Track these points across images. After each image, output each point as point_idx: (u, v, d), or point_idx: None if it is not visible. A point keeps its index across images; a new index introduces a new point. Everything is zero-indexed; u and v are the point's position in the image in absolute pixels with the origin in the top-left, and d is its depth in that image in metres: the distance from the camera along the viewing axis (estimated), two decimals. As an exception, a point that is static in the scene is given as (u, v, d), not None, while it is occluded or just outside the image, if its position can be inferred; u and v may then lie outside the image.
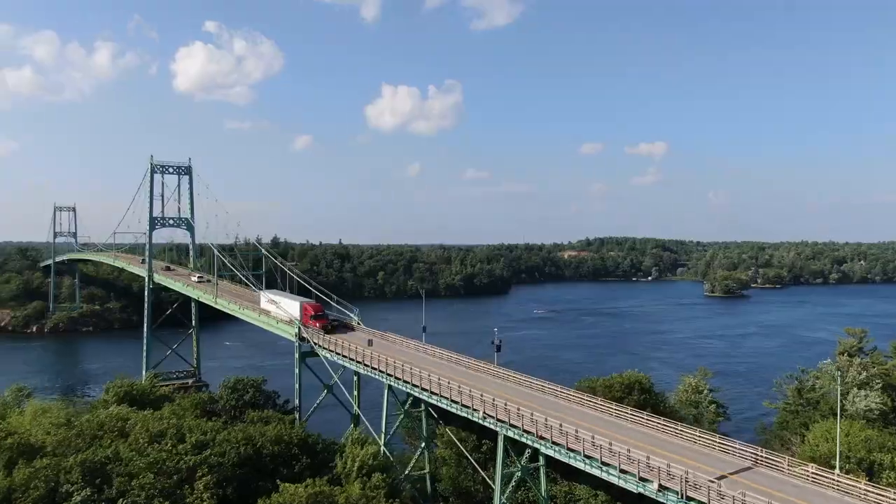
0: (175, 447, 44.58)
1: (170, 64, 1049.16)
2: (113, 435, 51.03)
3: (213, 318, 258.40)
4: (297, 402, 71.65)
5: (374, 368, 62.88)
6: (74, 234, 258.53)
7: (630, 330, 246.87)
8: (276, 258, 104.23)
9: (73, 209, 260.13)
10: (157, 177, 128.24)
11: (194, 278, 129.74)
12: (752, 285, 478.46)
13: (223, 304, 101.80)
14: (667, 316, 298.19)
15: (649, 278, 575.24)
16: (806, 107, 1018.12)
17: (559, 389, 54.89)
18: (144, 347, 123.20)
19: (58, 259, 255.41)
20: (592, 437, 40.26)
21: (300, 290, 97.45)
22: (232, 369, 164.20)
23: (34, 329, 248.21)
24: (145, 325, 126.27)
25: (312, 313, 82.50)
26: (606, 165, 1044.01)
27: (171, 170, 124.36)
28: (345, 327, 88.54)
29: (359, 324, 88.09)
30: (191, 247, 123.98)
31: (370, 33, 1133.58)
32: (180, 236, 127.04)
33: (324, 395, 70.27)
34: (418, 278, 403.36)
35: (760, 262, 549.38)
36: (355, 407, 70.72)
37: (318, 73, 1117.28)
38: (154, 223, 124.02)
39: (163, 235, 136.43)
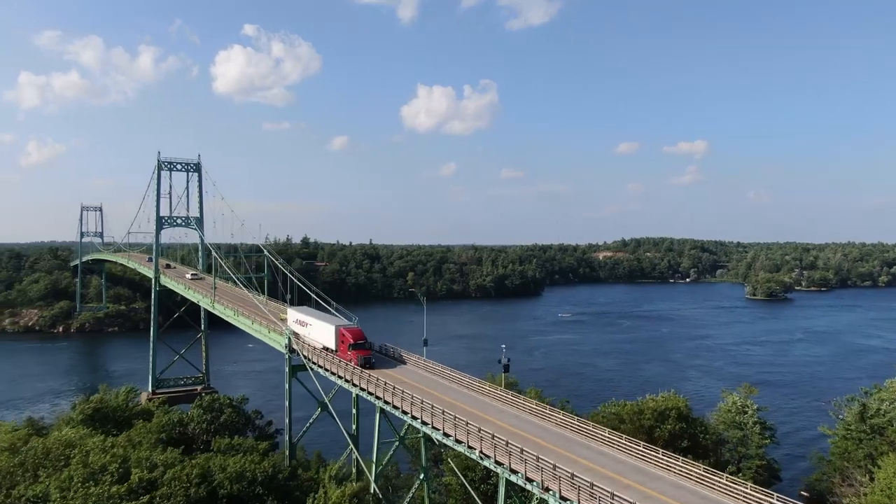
0: (112, 488, 37.43)
1: (210, 67, 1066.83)
2: (59, 464, 44.13)
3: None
4: (286, 421, 64.14)
5: (363, 389, 55.00)
6: (101, 234, 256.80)
7: (667, 335, 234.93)
8: (276, 259, 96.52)
9: (100, 209, 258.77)
10: (174, 177, 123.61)
11: (188, 276, 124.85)
12: (797, 288, 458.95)
13: (220, 309, 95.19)
14: (706, 320, 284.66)
15: (687, 280, 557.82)
16: (853, 105, 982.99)
17: (575, 422, 45.47)
18: (151, 352, 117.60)
19: (82, 259, 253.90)
20: (612, 496, 31.59)
21: (300, 296, 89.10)
22: (250, 374, 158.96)
23: (60, 329, 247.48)
24: (152, 328, 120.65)
25: (352, 341, 64.51)
26: (643, 165, 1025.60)
27: (179, 167, 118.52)
28: (394, 359, 71.47)
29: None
30: (199, 247, 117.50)
31: (406, 34, 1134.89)
32: (218, 236, 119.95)
33: (317, 413, 62.26)
34: (448, 279, 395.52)
35: (805, 263, 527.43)
36: (353, 426, 62.93)
37: (354, 74, 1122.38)
38: (161, 222, 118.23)
39: (192, 236, 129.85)
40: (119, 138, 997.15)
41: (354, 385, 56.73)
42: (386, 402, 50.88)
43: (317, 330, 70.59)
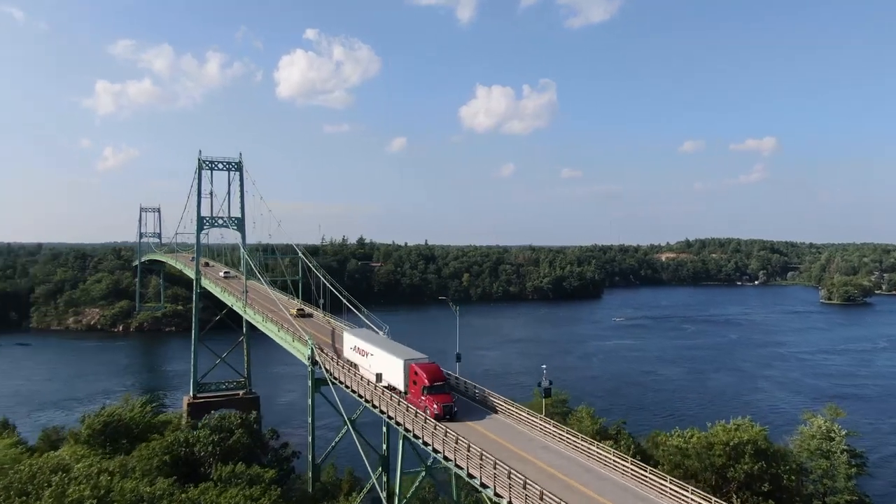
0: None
1: (273, 72, 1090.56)
2: (46, 489, 39.38)
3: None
4: (309, 439, 58.48)
5: (383, 412, 48.55)
6: (158, 235, 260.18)
7: (736, 342, 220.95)
8: (310, 261, 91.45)
9: (158, 210, 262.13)
10: (216, 177, 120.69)
11: (221, 274, 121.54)
12: (876, 292, 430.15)
13: (250, 315, 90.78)
14: (778, 326, 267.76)
15: (756, 283, 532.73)
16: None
17: (629, 465, 36.85)
18: (192, 355, 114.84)
19: (140, 260, 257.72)
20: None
21: (334, 302, 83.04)
22: (295, 379, 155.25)
23: (120, 328, 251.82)
24: (193, 330, 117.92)
25: (427, 382, 48.97)
26: (708, 163, 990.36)
27: (220, 166, 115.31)
28: (474, 401, 54.92)
29: None
30: (241, 248, 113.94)
31: (465, 34, 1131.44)
32: (265, 237, 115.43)
33: (343, 432, 56.07)
34: (504, 280, 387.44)
35: (885, 265, 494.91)
36: (384, 446, 56.79)
37: (413, 75, 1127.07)
38: (203, 223, 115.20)
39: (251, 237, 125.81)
40: (187, 142, 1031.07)
41: (374, 406, 50.03)
42: (407, 430, 44.24)
43: (380, 362, 55.58)
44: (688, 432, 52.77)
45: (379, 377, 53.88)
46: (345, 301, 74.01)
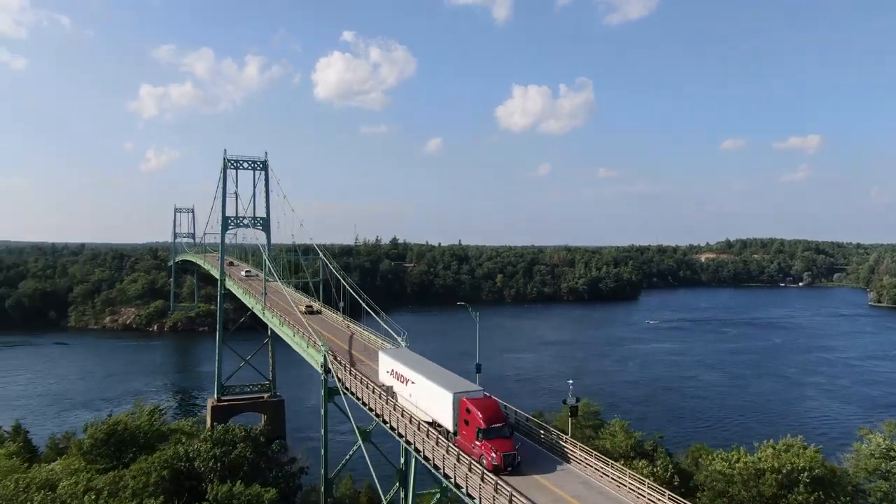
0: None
1: (311, 74, 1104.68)
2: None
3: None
4: (322, 451, 55.16)
5: (393, 429, 44.74)
6: (192, 235, 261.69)
7: (780, 346, 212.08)
8: (330, 262, 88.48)
9: (192, 210, 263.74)
10: (240, 176, 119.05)
11: (242, 273, 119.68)
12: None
13: (268, 317, 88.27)
14: (824, 329, 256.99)
15: (800, 284, 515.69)
16: None
17: (665, 500, 31.47)
18: (216, 357, 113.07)
19: (174, 260, 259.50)
20: None
21: (353, 305, 79.55)
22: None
23: (155, 328, 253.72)
24: (217, 331, 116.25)
25: (483, 424, 39.57)
26: (750, 162, 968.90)
27: (245, 165, 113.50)
28: (539, 444, 44.28)
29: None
30: (266, 249, 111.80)
31: (501, 33, 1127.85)
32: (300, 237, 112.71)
33: (356, 445, 52.41)
34: (539, 281, 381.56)
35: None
36: (402, 460, 53.15)
37: (449, 75, 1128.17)
38: (227, 223, 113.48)
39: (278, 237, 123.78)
40: (226, 144, 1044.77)
41: (385, 422, 45.93)
42: (417, 451, 40.29)
43: (423, 393, 45.82)
44: (732, 455, 47.61)
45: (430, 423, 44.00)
46: (363, 304, 70.63)
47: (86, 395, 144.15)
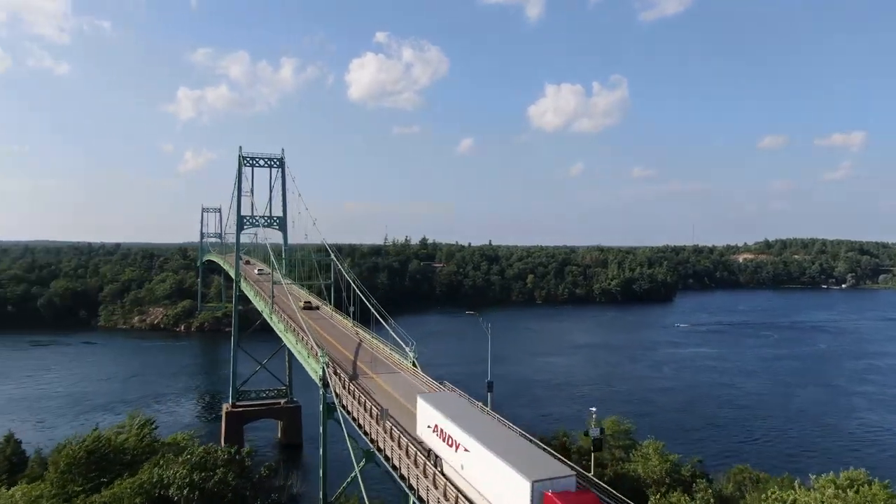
0: None
1: (345, 75, 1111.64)
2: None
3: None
4: (321, 472, 50.13)
5: (388, 459, 38.89)
6: (219, 235, 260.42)
7: (825, 352, 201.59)
8: (342, 264, 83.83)
9: (219, 210, 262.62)
10: (261, 174, 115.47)
11: (255, 271, 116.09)
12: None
13: (274, 322, 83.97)
14: (872, 334, 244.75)
15: (843, 286, 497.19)
16: None
17: None
18: (231, 361, 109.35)
19: (200, 260, 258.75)
20: None
21: (363, 310, 74.10)
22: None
23: (182, 328, 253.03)
24: (233, 335, 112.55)
25: None
26: (790, 160, 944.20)
27: (261, 162, 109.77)
28: None
29: (415, 365, 60.92)
30: (282, 248, 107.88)
31: (534, 32, 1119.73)
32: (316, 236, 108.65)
33: (360, 465, 46.94)
34: (570, 282, 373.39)
35: None
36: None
37: (482, 75, 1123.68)
38: (243, 222, 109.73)
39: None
40: (261, 145, 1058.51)
41: (379, 451, 40.56)
42: (410, 489, 34.67)
43: (481, 468, 32.65)
44: (787, 495, 40.73)
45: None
46: (372, 310, 65.72)
47: (106, 396, 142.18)
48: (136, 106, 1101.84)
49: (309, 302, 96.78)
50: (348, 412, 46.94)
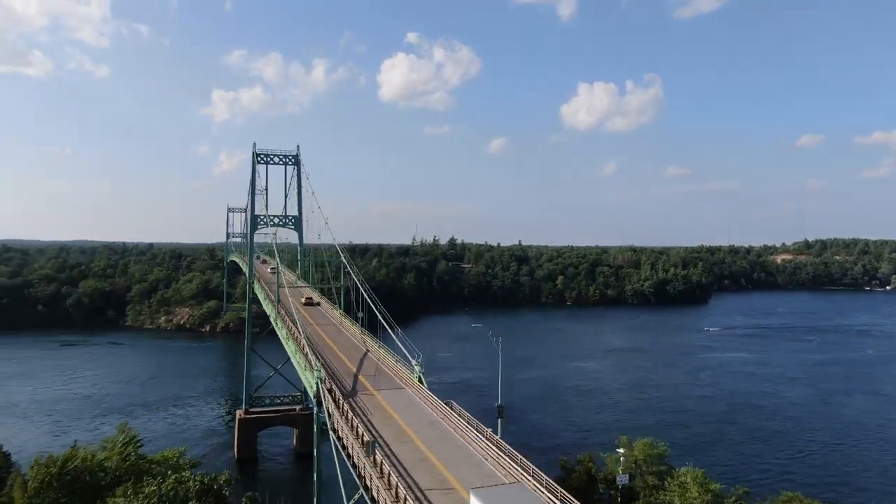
0: None
1: (376, 75, 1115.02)
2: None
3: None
4: (314, 501, 45.04)
5: (374, 502, 33.12)
6: (244, 235, 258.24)
7: (872, 358, 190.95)
8: (352, 266, 78.93)
9: (244, 210, 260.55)
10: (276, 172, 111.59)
11: (268, 269, 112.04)
12: None
13: (278, 327, 79.38)
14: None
15: (888, 287, 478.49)
16: None
17: None
18: (245, 365, 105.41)
19: (226, 260, 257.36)
20: None
21: (373, 316, 68.59)
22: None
23: (207, 328, 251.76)
24: (246, 339, 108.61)
25: None
26: (829, 158, 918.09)
27: (276, 160, 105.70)
28: None
29: (421, 381, 54.25)
30: (298, 248, 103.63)
31: (566, 31, 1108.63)
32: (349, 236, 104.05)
33: (356, 497, 41.11)
34: (602, 283, 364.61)
35: None
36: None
37: (513, 75, 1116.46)
38: (257, 222, 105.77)
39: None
40: (291, 145, 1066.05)
41: (366, 489, 34.95)
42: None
43: None
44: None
45: None
46: (379, 316, 60.58)
47: (124, 399, 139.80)
48: (173, 108, 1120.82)
49: (310, 298, 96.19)
50: (339, 437, 41.65)
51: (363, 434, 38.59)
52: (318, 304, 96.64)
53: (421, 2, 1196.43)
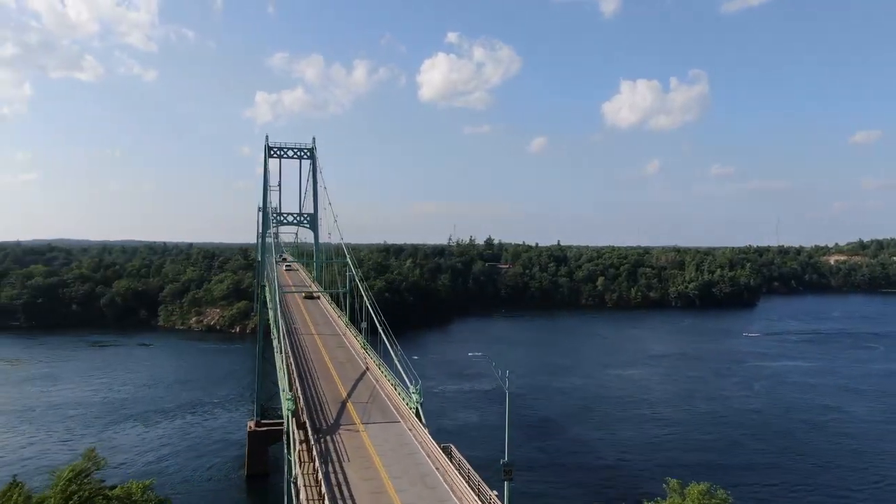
0: None
1: (416, 76, 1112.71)
2: None
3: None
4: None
5: None
6: (276, 235, 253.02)
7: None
8: (357, 268, 70.69)
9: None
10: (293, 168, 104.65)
11: (283, 267, 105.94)
12: None
13: (275, 334, 71.10)
14: None
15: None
16: None
17: None
18: (256, 374, 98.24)
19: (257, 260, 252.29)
20: None
21: (393, 324, 59.46)
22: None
23: (237, 329, 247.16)
24: (258, 345, 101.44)
25: None
26: (886, 155, 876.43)
27: (290, 153, 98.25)
28: None
29: (419, 414, 43.91)
30: (314, 248, 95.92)
31: (608, 28, 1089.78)
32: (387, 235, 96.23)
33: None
34: (644, 285, 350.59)
35: None
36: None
37: (554, 73, 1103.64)
38: (270, 220, 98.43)
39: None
40: (335, 147, 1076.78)
41: None
42: None
43: None
44: None
45: None
46: (378, 324, 51.95)
47: (143, 404, 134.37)
48: (218, 110, 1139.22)
49: (310, 293, 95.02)
50: (294, 484, 32.57)
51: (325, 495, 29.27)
52: (318, 297, 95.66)
53: (461, 1, 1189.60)
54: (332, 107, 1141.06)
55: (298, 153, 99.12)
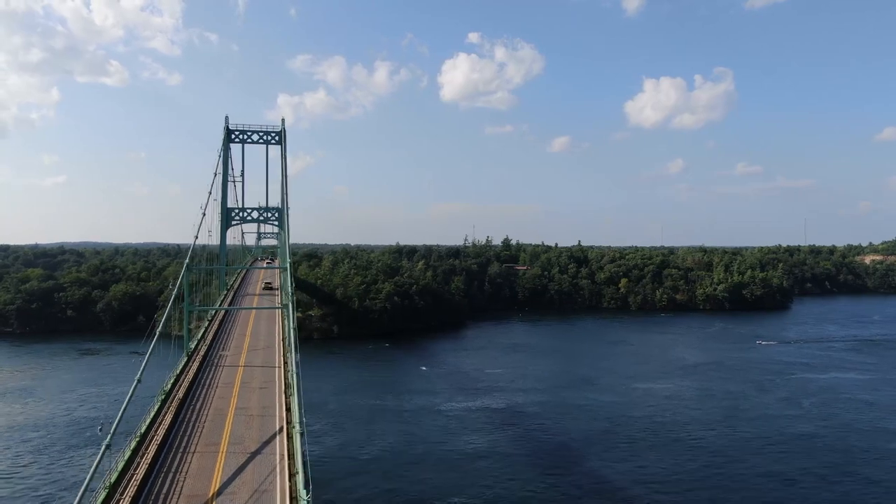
0: None
1: (437, 76, 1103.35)
2: None
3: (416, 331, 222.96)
4: None
5: None
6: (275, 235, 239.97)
7: None
8: (292, 279, 55.49)
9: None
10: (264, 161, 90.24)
11: (263, 264, 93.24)
12: None
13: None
14: None
15: None
16: None
17: None
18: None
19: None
20: None
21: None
22: (380, 410, 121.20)
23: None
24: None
25: None
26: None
27: (255, 137, 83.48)
28: None
29: (291, 457, 29.54)
30: (286, 245, 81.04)
31: (631, 25, 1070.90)
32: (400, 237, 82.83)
33: None
34: (669, 287, 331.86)
35: None
36: None
37: (577, 72, 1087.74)
38: (230, 216, 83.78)
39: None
40: (357, 148, 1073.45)
41: None
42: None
43: None
44: None
45: None
46: (293, 356, 36.78)
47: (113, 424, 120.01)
48: (241, 113, 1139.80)
49: (269, 283, 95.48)
50: None
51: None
52: (277, 289, 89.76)
53: (482, 1, 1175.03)
54: (353, 108, 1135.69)
55: (265, 137, 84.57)
